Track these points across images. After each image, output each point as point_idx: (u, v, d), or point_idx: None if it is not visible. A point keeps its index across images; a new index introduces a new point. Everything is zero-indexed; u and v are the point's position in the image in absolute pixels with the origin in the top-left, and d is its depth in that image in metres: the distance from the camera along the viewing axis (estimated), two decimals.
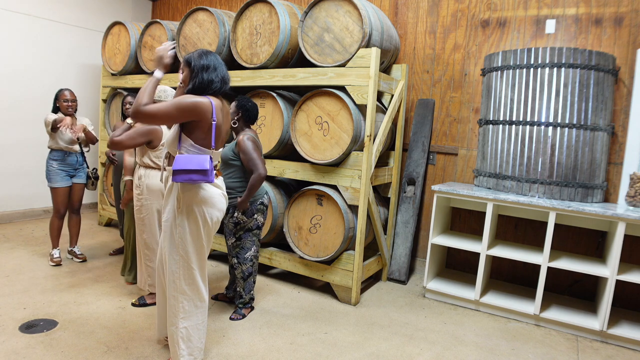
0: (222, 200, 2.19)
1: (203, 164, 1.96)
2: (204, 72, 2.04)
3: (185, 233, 2.09)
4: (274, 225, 3.54)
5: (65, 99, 3.62)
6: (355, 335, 2.80)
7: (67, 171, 3.69)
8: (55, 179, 3.63)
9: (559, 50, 3.06)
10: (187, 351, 2.16)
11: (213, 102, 2.03)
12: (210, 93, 2.07)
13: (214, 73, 2.06)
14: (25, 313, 2.78)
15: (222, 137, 2.17)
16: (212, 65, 2.06)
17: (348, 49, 3.17)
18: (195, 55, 2.07)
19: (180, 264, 2.11)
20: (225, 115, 2.16)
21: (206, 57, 2.06)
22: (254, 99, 3.64)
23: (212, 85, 2.05)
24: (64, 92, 3.67)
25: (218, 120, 2.05)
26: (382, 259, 3.81)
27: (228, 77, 2.16)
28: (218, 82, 2.07)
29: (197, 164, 1.96)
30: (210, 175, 1.98)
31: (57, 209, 3.69)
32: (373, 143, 3.27)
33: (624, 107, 3.31)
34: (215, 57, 2.11)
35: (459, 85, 3.94)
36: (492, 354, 2.67)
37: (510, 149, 3.28)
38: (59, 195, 3.65)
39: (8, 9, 4.75)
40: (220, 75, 2.09)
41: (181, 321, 2.13)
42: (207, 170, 1.96)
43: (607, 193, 3.36)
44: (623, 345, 2.88)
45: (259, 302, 3.20)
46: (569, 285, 3.53)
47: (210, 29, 3.87)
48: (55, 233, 3.76)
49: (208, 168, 1.96)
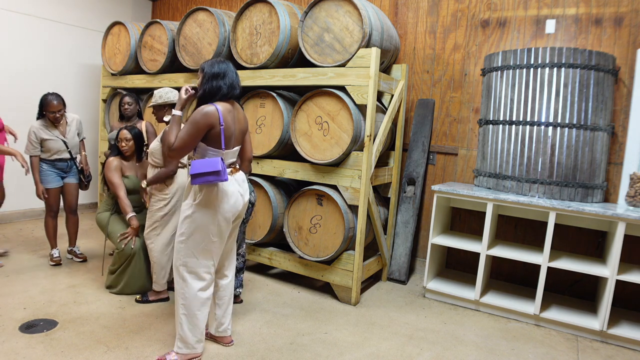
0: (237, 197, 2.31)
1: (216, 166, 2.12)
2: (214, 79, 2.23)
3: (195, 230, 2.24)
4: (274, 225, 3.54)
5: (52, 110, 3.43)
6: (355, 335, 2.80)
7: (58, 173, 3.63)
8: (47, 179, 3.56)
9: (559, 50, 3.06)
10: (178, 337, 2.32)
11: (219, 107, 2.19)
12: (218, 99, 2.24)
13: (222, 80, 2.23)
14: (25, 313, 2.78)
15: (236, 137, 2.33)
16: (222, 73, 2.24)
17: (348, 49, 3.17)
18: (208, 63, 2.27)
19: (184, 256, 2.27)
20: (236, 118, 2.31)
21: (217, 65, 2.25)
22: (254, 99, 3.64)
23: (220, 92, 2.23)
24: (51, 101, 3.43)
25: (226, 124, 2.21)
26: (382, 259, 3.81)
27: (237, 83, 2.32)
28: (226, 88, 2.24)
29: (210, 166, 2.12)
30: (224, 175, 2.14)
31: (50, 208, 3.64)
32: (373, 143, 3.27)
33: (624, 107, 3.31)
34: (226, 65, 2.28)
35: (459, 85, 3.94)
36: (492, 354, 2.67)
37: (510, 149, 3.28)
38: (51, 195, 3.59)
39: (8, 9, 4.75)
40: (229, 82, 2.26)
41: (180, 308, 2.30)
42: (220, 171, 2.12)
43: (607, 193, 3.36)
44: (623, 345, 2.88)
45: (260, 302, 3.20)
46: (569, 285, 3.53)
47: (210, 29, 3.87)
48: (51, 232, 3.72)
49: (220, 169, 2.12)
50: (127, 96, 3.79)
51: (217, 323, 2.53)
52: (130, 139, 3.23)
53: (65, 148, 3.59)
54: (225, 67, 2.26)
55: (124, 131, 3.25)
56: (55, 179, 3.61)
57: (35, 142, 3.48)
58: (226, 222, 2.28)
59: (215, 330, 2.55)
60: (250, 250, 3.75)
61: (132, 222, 3.08)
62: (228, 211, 2.26)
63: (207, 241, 2.25)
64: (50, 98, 3.44)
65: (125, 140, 3.23)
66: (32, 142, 3.48)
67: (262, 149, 3.58)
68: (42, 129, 3.50)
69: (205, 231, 2.24)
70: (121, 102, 3.80)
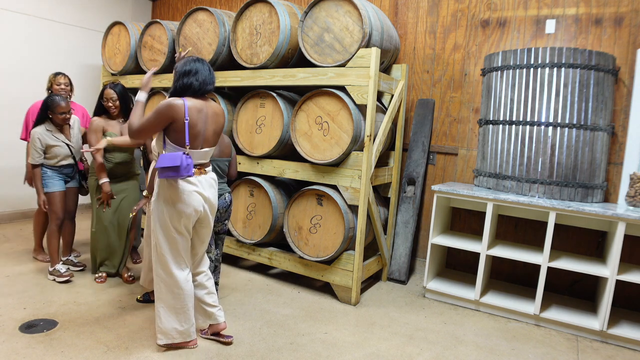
0: (194, 197, 2.30)
1: (175, 161, 2.13)
2: (185, 76, 2.26)
3: (157, 223, 2.32)
4: (274, 225, 3.54)
5: (62, 112, 3.20)
6: (355, 335, 2.80)
7: (63, 177, 3.38)
8: (51, 182, 3.28)
9: (559, 50, 3.06)
10: (157, 329, 2.41)
11: (187, 103, 2.20)
12: (190, 94, 2.27)
13: (193, 77, 2.27)
14: (25, 313, 2.78)
15: (206, 138, 2.33)
16: (193, 70, 2.27)
17: (348, 49, 3.17)
18: (182, 62, 2.31)
19: (155, 249, 2.36)
20: (208, 117, 2.32)
21: (190, 64, 2.28)
22: (254, 99, 3.64)
23: (190, 88, 2.26)
24: (59, 102, 3.19)
25: (191, 119, 2.21)
26: (382, 259, 3.81)
27: (210, 80, 2.34)
28: (197, 84, 2.27)
29: (170, 161, 2.14)
30: (183, 172, 2.15)
31: (55, 215, 3.31)
32: (373, 143, 3.27)
33: (624, 107, 3.31)
34: (201, 63, 2.31)
35: (459, 85, 3.94)
36: (492, 354, 2.67)
37: (510, 149, 3.28)
38: (56, 199, 3.29)
39: (8, 8, 4.75)
40: (201, 79, 2.29)
41: (157, 301, 2.40)
42: (179, 167, 2.13)
43: (607, 193, 3.36)
44: (623, 345, 2.88)
45: (259, 302, 3.20)
46: (569, 285, 3.53)
47: (210, 29, 3.87)
48: (56, 245, 3.34)
49: (179, 164, 2.13)
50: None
51: (208, 313, 2.56)
52: (117, 98, 3.24)
53: (70, 153, 3.38)
54: (199, 66, 2.29)
55: (108, 90, 3.23)
56: (59, 182, 3.33)
57: (41, 150, 3.22)
58: (183, 220, 2.29)
59: (210, 320, 2.58)
60: (250, 250, 3.75)
61: (104, 188, 3.18)
62: (184, 210, 2.27)
63: (169, 236, 2.31)
64: (58, 99, 3.21)
65: (111, 100, 3.22)
66: (37, 150, 3.20)
67: (262, 149, 3.58)
68: (46, 134, 3.23)
69: (166, 226, 2.30)
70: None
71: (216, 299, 2.60)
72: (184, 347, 2.46)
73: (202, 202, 2.35)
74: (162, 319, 2.38)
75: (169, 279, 2.35)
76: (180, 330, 2.41)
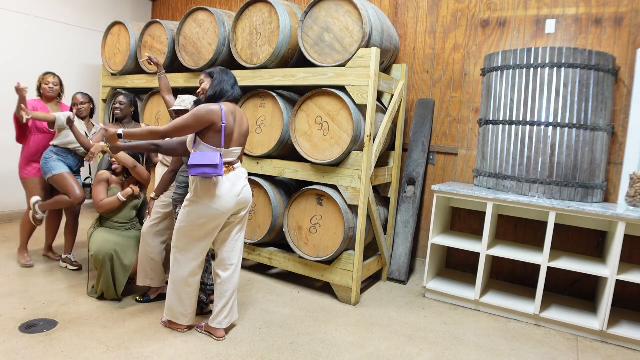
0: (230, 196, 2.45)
1: (214, 159, 2.29)
2: (223, 83, 2.47)
3: (189, 217, 2.46)
4: (274, 225, 3.54)
5: (74, 103, 3.51)
6: (355, 335, 2.80)
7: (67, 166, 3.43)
8: (58, 165, 3.33)
9: (559, 50, 3.06)
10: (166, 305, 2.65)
11: (224, 107, 2.38)
12: (225, 100, 2.46)
13: (229, 84, 2.49)
14: (25, 313, 2.78)
15: (236, 139, 2.49)
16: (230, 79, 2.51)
17: (348, 49, 3.17)
18: (218, 69, 2.52)
19: (177, 237, 2.55)
20: (237, 120, 2.49)
21: (226, 73, 2.51)
22: (254, 99, 3.64)
23: (227, 94, 2.47)
24: (75, 94, 3.53)
25: (227, 123, 2.39)
26: (382, 259, 3.81)
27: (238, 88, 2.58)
28: (232, 91, 2.49)
29: (209, 159, 2.29)
30: (220, 170, 2.31)
31: (74, 195, 3.29)
32: (373, 143, 3.27)
33: (624, 107, 3.31)
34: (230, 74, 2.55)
35: (459, 85, 3.94)
36: (492, 354, 2.67)
37: (510, 149, 3.28)
38: (66, 179, 3.29)
39: (8, 8, 4.74)
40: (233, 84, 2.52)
41: (171, 282, 2.62)
42: (218, 165, 2.29)
43: (607, 193, 3.36)
44: (623, 345, 2.88)
45: (259, 302, 3.20)
46: (569, 285, 3.53)
47: (210, 29, 3.87)
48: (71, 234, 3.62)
49: (218, 163, 2.29)
50: (122, 95, 3.56)
51: (214, 314, 2.63)
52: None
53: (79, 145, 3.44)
54: (231, 75, 2.53)
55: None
56: (65, 166, 3.38)
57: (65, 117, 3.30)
58: (216, 217, 2.44)
59: (211, 321, 2.65)
60: (251, 250, 3.75)
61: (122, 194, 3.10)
62: (219, 209, 2.42)
63: (196, 232, 2.48)
64: (76, 93, 3.57)
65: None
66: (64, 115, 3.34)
67: (262, 149, 3.58)
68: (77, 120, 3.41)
69: (195, 223, 2.46)
70: (114, 102, 3.63)
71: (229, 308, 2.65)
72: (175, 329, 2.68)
73: (236, 198, 2.48)
74: (171, 298, 2.62)
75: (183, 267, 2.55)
76: (179, 313, 2.62)
